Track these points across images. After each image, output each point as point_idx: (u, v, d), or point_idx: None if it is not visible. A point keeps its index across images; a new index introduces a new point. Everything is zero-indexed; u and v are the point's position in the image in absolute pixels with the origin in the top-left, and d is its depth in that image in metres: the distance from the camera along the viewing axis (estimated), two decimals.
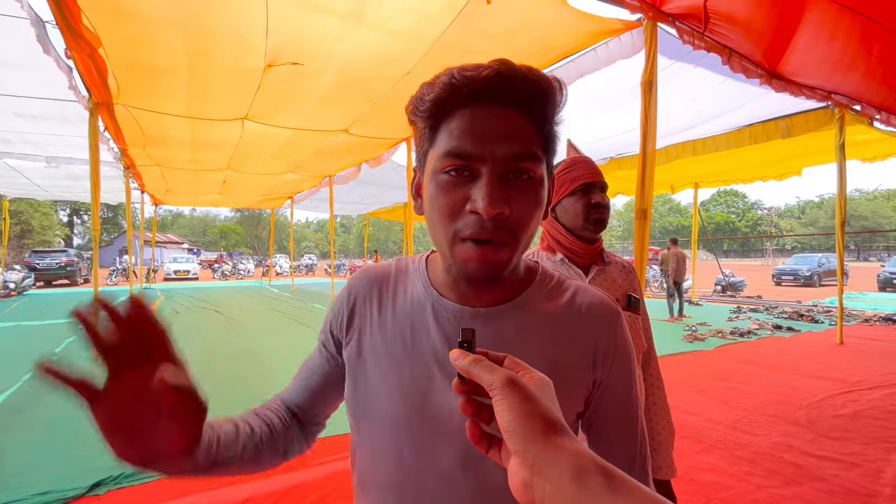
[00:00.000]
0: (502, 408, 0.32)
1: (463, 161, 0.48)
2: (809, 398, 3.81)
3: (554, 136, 0.52)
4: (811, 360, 5.19)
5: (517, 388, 0.33)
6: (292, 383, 0.70)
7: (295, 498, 2.32)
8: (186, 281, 20.81)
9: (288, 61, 3.98)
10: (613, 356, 0.57)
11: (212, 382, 4.40)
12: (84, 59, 3.75)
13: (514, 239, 0.49)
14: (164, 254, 32.45)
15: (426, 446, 0.54)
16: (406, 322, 0.58)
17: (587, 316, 0.57)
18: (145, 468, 0.47)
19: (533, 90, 0.48)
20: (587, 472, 0.29)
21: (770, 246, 58.63)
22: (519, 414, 0.32)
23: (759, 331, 7.12)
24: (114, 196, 11.95)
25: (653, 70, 3.46)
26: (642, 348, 1.22)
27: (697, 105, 5.46)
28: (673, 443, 1.23)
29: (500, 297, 0.57)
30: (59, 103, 4.97)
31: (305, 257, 33.15)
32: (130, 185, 9.44)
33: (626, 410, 0.58)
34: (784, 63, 4.05)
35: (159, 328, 0.46)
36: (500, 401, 0.33)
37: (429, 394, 0.54)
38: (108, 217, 39.64)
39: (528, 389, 0.33)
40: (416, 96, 0.52)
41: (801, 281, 17.94)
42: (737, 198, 61.93)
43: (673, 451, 1.23)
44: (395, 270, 0.64)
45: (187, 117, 5.33)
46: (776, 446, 2.87)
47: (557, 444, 0.31)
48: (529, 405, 0.32)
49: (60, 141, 6.52)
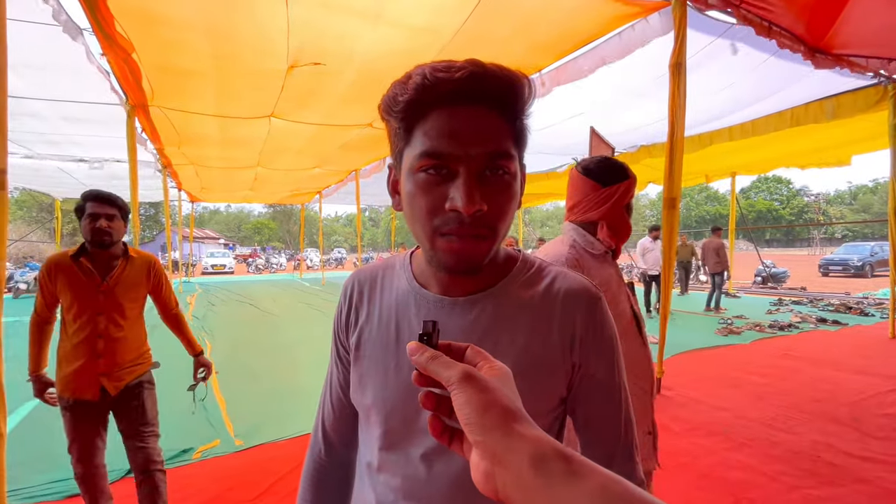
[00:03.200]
0: (460, 401, 0.33)
1: (440, 161, 0.49)
2: (855, 395, 3.59)
3: (525, 130, 0.54)
4: (858, 354, 4.89)
5: (474, 381, 0.33)
6: (329, 410, 0.72)
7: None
8: (223, 275, 21.66)
9: (310, 62, 4.04)
10: (592, 340, 0.58)
11: (244, 372, 4.58)
12: (119, 63, 3.93)
13: (493, 232, 0.51)
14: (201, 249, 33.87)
15: (410, 434, 0.57)
16: (391, 315, 0.61)
17: (565, 300, 0.58)
18: None
19: (504, 88, 0.49)
20: (546, 458, 0.29)
21: (817, 234, 55.34)
22: (477, 406, 0.32)
23: (801, 324, 6.75)
24: (154, 194, 12.55)
25: (681, 52, 3.30)
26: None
27: (733, 91, 5.18)
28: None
29: (478, 286, 0.59)
30: (99, 106, 5.24)
31: (335, 251, 33.86)
32: (168, 183, 9.85)
33: (609, 395, 0.59)
34: (833, 35, 3.76)
35: None
36: (458, 394, 0.33)
37: (412, 384, 0.55)
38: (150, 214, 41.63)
39: (486, 381, 0.34)
40: (389, 96, 0.52)
41: (850, 271, 16.88)
42: (780, 184, 58.59)
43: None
44: (383, 268, 0.67)
45: (217, 116, 5.51)
46: (814, 445, 2.73)
47: (516, 432, 0.31)
48: (487, 396, 0.33)
49: (103, 142, 6.87)
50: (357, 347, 0.63)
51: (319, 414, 0.73)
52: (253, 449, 2.82)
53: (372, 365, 0.60)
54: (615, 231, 1.27)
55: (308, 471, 0.73)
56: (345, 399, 0.69)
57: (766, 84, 5.04)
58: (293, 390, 4.02)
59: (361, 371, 0.62)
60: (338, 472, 0.72)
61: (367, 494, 0.61)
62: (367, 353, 0.62)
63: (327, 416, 0.72)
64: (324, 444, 0.72)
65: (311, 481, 0.72)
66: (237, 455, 2.75)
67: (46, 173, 9.22)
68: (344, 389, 0.68)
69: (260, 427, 3.13)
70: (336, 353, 0.69)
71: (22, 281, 11.58)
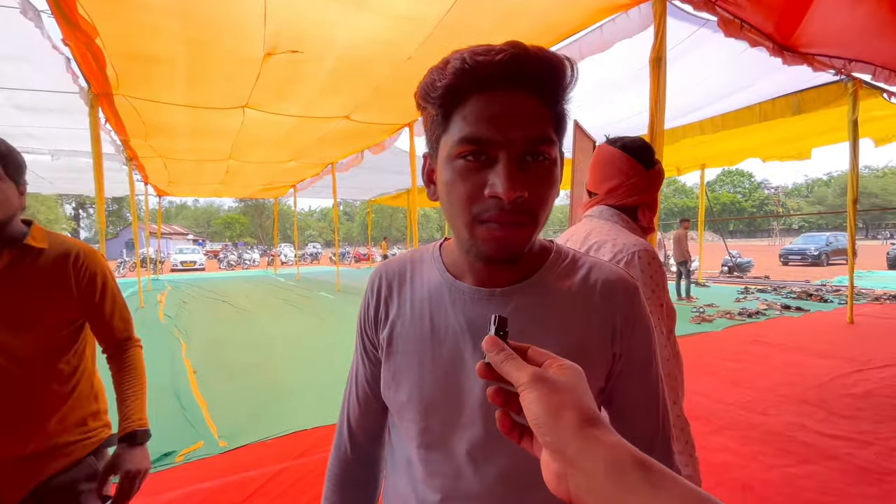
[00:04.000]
0: (529, 401, 0.32)
1: (479, 146, 0.48)
2: (820, 378, 3.79)
3: (565, 115, 0.53)
4: (821, 339, 5.17)
5: (544, 382, 0.33)
6: (355, 407, 0.69)
7: (308, 485, 2.34)
8: (193, 271, 20.95)
9: (287, 49, 3.90)
10: (633, 331, 0.57)
11: (222, 371, 4.45)
12: (81, 49, 3.70)
13: (534, 220, 0.50)
14: (169, 245, 32.64)
15: (447, 429, 0.56)
16: (425, 308, 0.60)
17: (603, 291, 0.57)
18: None
19: (545, 72, 0.48)
20: (623, 465, 0.28)
21: (777, 226, 58.08)
22: (547, 406, 0.32)
23: (768, 311, 7.08)
24: (118, 188, 11.96)
25: (662, 47, 3.36)
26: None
27: (706, 85, 5.34)
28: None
29: (514, 277, 0.57)
30: (59, 95, 4.93)
31: (310, 246, 33.28)
32: (134, 177, 9.41)
33: (646, 385, 0.59)
34: (799, 34, 3.92)
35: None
36: (528, 394, 0.33)
37: (451, 377, 0.56)
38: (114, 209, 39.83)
39: (557, 382, 0.33)
40: (427, 82, 0.51)
41: (808, 260, 17.80)
42: (743, 177, 61.16)
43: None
44: (410, 261, 0.65)
45: (188, 106, 5.28)
46: (788, 426, 2.87)
47: (591, 436, 0.30)
48: (558, 396, 0.32)
49: (63, 134, 6.49)
50: (389, 343, 0.61)
51: (344, 411, 0.71)
52: (239, 450, 2.74)
53: (406, 360, 0.59)
54: (652, 209, 1.19)
55: (333, 470, 0.71)
56: (372, 396, 0.67)
57: (738, 79, 5.22)
58: (275, 388, 3.93)
59: (395, 367, 0.60)
60: (364, 469, 0.71)
61: (405, 493, 0.59)
62: (399, 348, 0.60)
63: (352, 413, 0.69)
64: (349, 442, 0.70)
65: (338, 481, 0.70)
66: (222, 456, 2.67)
67: None
68: (371, 386, 0.66)
69: (244, 427, 3.04)
70: (363, 349, 0.66)
71: None
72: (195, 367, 4.56)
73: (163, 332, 6.45)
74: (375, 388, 0.65)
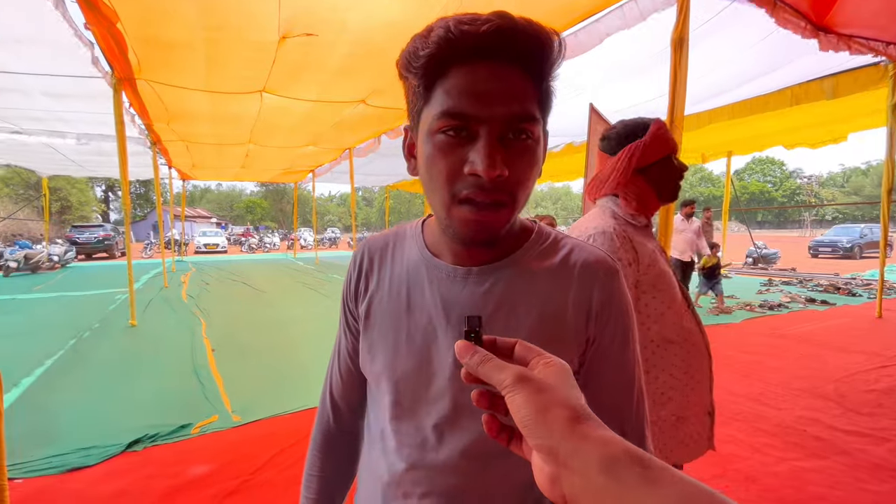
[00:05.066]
0: (516, 403, 0.31)
1: (461, 121, 0.46)
2: (840, 372, 3.68)
3: (551, 93, 0.51)
4: (845, 333, 5.00)
5: (529, 383, 0.31)
6: (337, 378, 0.72)
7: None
8: (215, 254, 21.50)
9: (302, 32, 3.91)
10: (609, 312, 0.56)
11: (239, 349, 4.59)
12: (104, 33, 3.78)
13: (513, 200, 0.49)
14: (193, 228, 33.52)
15: (417, 402, 0.57)
16: (403, 284, 0.60)
17: (581, 273, 0.56)
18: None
19: (533, 45, 0.46)
20: (618, 462, 0.27)
21: (808, 216, 55.81)
22: (535, 407, 0.30)
23: (791, 304, 6.87)
24: (144, 172, 12.31)
25: (684, 26, 3.24)
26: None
27: (733, 68, 5.11)
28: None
29: (492, 256, 0.57)
30: (84, 80, 5.07)
31: (329, 231, 33.65)
32: (158, 160, 9.66)
33: (622, 369, 0.58)
34: (835, 13, 3.70)
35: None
36: (513, 396, 0.31)
37: (423, 352, 0.57)
38: (141, 192, 40.99)
39: (541, 381, 0.32)
40: (409, 50, 0.49)
41: (840, 253, 17.09)
42: (774, 166, 58.72)
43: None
44: (393, 236, 0.65)
45: (207, 91, 5.36)
46: (800, 420, 2.81)
47: (582, 433, 0.29)
48: (545, 396, 0.31)
49: (89, 118, 6.69)
50: (367, 316, 0.62)
51: (327, 383, 0.73)
52: (251, 424, 2.85)
53: (381, 334, 0.60)
54: (641, 201, 1.15)
55: (316, 439, 0.73)
56: (353, 368, 0.68)
57: (767, 61, 4.98)
58: (289, 367, 4.04)
59: (371, 339, 0.61)
60: (346, 439, 0.73)
61: (377, 463, 0.61)
62: (376, 321, 0.61)
63: (335, 385, 0.71)
64: (332, 412, 0.72)
65: (320, 449, 0.72)
66: (235, 430, 2.78)
67: (34, 149, 8.99)
68: (352, 358, 0.68)
69: (257, 403, 3.16)
70: (345, 322, 0.68)
71: (12, 259, 11.43)
72: (214, 345, 4.72)
73: (185, 311, 6.69)
74: (356, 361, 0.66)
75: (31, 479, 2.26)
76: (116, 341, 4.87)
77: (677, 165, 1.16)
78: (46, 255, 12.67)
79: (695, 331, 1.15)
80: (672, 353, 1.11)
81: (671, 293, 1.13)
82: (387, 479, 0.58)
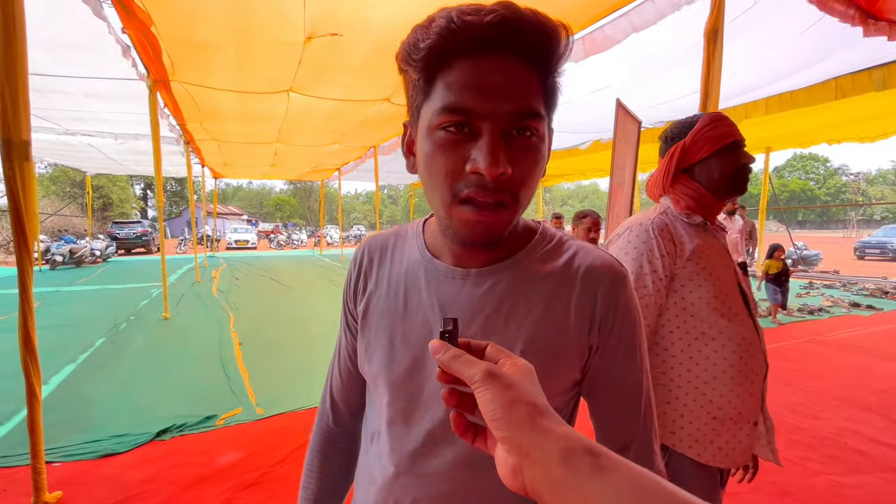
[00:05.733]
0: (485, 398, 0.33)
1: (462, 117, 0.44)
2: (886, 382, 3.46)
3: (556, 89, 0.49)
4: (893, 341, 4.69)
5: (497, 379, 0.33)
6: (337, 378, 0.71)
7: None
8: (245, 250, 22.17)
9: (327, 33, 3.96)
10: (615, 320, 0.53)
11: (265, 344, 4.70)
12: (139, 37, 3.93)
13: (516, 200, 0.47)
14: (225, 224, 34.64)
15: (411, 405, 0.55)
16: (401, 284, 0.59)
17: (585, 277, 0.53)
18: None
19: (539, 38, 0.44)
20: (574, 453, 0.29)
21: (854, 216, 52.80)
22: (502, 402, 0.32)
23: (833, 308, 6.51)
24: (179, 170, 12.79)
25: (719, 17, 3.10)
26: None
27: (770, 61, 4.86)
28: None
29: (493, 258, 0.55)
30: (122, 82, 5.29)
31: (354, 228, 34.17)
32: (191, 159, 10.00)
33: (628, 378, 0.55)
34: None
35: None
36: (483, 392, 0.33)
37: (418, 355, 0.55)
38: (177, 190, 42.70)
39: (509, 378, 0.33)
40: (409, 42, 0.47)
41: (889, 255, 16.12)
42: (817, 162, 55.76)
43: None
44: (394, 236, 0.64)
45: (236, 91, 5.51)
46: (841, 432, 2.65)
47: (543, 428, 0.31)
48: (511, 392, 0.32)
49: (127, 118, 6.98)
50: (364, 316, 0.61)
51: (328, 383, 0.72)
52: (273, 417, 2.92)
53: (378, 334, 0.59)
54: (694, 200, 1.15)
55: (315, 439, 0.73)
56: (353, 368, 0.67)
57: (807, 53, 4.71)
58: (312, 362, 4.11)
59: (368, 340, 0.60)
60: (345, 440, 0.72)
61: (371, 467, 0.60)
62: (374, 321, 0.60)
63: (335, 385, 0.71)
64: (332, 412, 0.71)
65: (319, 449, 0.72)
66: (258, 423, 2.85)
67: (77, 149, 9.47)
68: (352, 358, 0.67)
69: (280, 397, 3.22)
70: (345, 321, 0.67)
71: (58, 253, 12.10)
72: (241, 339, 4.86)
73: (215, 305, 6.91)
74: (356, 361, 0.65)
75: (67, 463, 2.38)
76: (150, 333, 5.08)
77: (735, 158, 1.12)
78: (89, 249, 13.36)
79: (748, 336, 1.12)
80: (711, 349, 1.09)
81: (720, 290, 1.11)
82: (379, 484, 0.57)
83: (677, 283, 1.11)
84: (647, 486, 0.27)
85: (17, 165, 1.84)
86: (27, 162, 1.86)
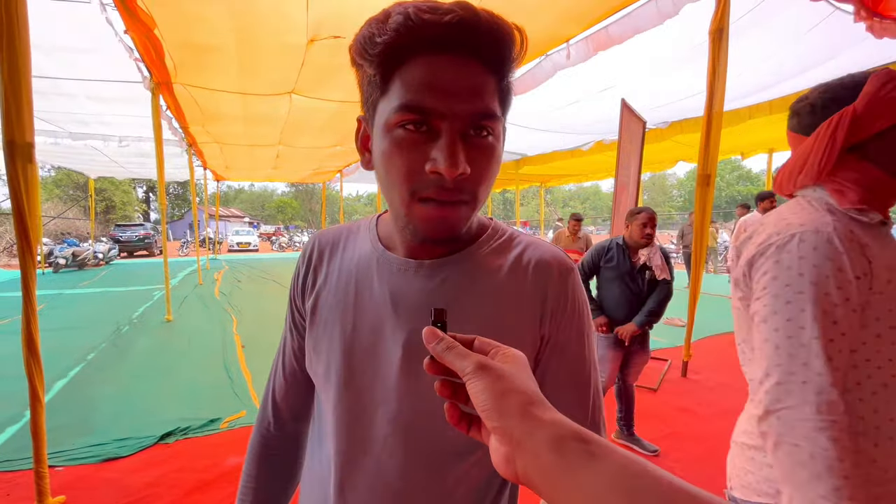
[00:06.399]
0: (476, 389, 0.33)
1: (420, 116, 0.44)
2: None
3: (510, 90, 0.50)
4: None
5: (489, 370, 0.33)
6: (281, 380, 0.68)
7: None
8: (247, 252, 22.19)
9: (329, 35, 3.96)
10: (563, 312, 0.55)
11: (267, 346, 4.69)
12: (142, 39, 3.93)
13: (474, 198, 0.48)
14: (227, 227, 34.70)
15: (363, 401, 0.54)
16: (351, 278, 0.58)
17: (535, 271, 0.55)
18: None
19: (495, 40, 0.45)
20: (565, 440, 0.30)
21: None
22: (493, 393, 0.32)
23: None
24: (181, 173, 12.82)
25: (724, 17, 3.09)
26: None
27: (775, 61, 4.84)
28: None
29: (445, 250, 0.56)
30: (125, 85, 5.30)
31: None
32: (193, 162, 10.02)
33: (577, 369, 0.56)
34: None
35: None
36: (474, 383, 0.33)
37: (370, 349, 0.55)
38: (179, 193, 42.82)
39: (500, 369, 0.34)
40: (364, 35, 0.46)
41: None
42: None
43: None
44: (346, 231, 0.64)
45: (239, 93, 5.51)
46: None
47: (535, 416, 0.31)
48: (503, 383, 0.33)
49: (130, 121, 7.00)
50: (313, 312, 0.60)
51: (270, 385, 0.69)
52: None
53: (327, 330, 0.57)
54: (867, 190, 0.78)
55: (254, 444, 0.69)
56: (298, 368, 0.65)
57: (812, 53, 4.69)
58: None
59: (317, 336, 0.58)
60: (286, 445, 0.69)
61: (319, 468, 0.59)
62: (322, 317, 0.58)
63: (278, 387, 0.68)
64: (273, 416, 0.68)
65: (258, 455, 0.69)
66: None
67: (80, 151, 9.50)
68: (298, 358, 0.65)
69: None
70: (291, 319, 0.65)
71: (61, 256, 12.12)
72: (244, 341, 4.84)
73: (217, 308, 6.90)
74: (302, 361, 0.63)
75: (70, 466, 2.36)
76: (153, 336, 5.07)
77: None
78: (92, 252, 13.38)
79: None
80: (883, 399, 0.77)
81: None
82: (334, 485, 0.55)
83: (869, 317, 0.75)
84: (636, 471, 0.27)
85: (20, 167, 1.83)
86: (30, 164, 1.85)
